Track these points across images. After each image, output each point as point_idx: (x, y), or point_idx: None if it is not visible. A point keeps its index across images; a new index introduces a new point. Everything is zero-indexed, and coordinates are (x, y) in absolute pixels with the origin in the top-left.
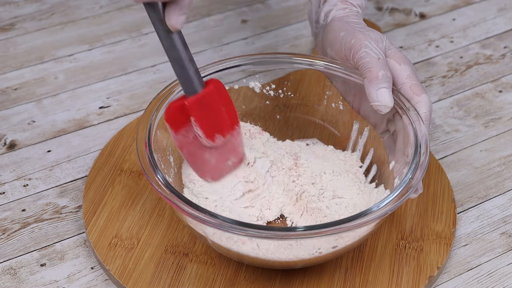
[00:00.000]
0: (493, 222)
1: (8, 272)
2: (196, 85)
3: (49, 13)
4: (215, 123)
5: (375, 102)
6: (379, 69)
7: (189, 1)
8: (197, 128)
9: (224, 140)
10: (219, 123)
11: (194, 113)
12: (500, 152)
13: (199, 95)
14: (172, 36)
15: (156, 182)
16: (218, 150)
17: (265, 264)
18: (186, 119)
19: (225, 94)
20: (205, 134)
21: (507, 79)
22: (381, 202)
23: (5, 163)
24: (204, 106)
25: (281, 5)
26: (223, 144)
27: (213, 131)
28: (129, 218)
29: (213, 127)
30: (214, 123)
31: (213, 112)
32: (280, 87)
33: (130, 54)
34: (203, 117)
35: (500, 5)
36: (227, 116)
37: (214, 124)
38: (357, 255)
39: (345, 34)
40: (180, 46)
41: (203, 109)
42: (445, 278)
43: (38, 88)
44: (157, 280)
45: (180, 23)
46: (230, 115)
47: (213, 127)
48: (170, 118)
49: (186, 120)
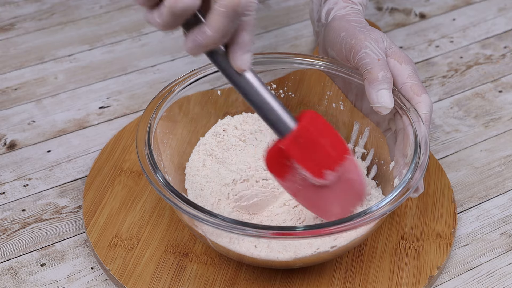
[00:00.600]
0: (493, 222)
1: (8, 272)
2: (288, 124)
3: (49, 13)
4: (320, 158)
5: (375, 103)
6: (379, 70)
7: (249, 38)
8: (302, 169)
9: (336, 174)
10: (324, 158)
11: (293, 155)
12: (500, 152)
13: (294, 134)
14: (246, 78)
15: (156, 182)
16: (334, 186)
17: (265, 264)
18: (288, 163)
19: (323, 124)
20: (312, 173)
21: (507, 79)
22: (381, 202)
23: (5, 163)
24: (302, 144)
25: (281, 5)
26: (336, 178)
27: (320, 167)
28: (129, 218)
29: (319, 163)
30: (318, 159)
31: (314, 147)
32: (280, 87)
33: (130, 54)
34: (304, 157)
35: (500, 5)
36: (331, 148)
37: (319, 160)
38: (357, 255)
39: (345, 35)
40: (259, 87)
41: (302, 147)
42: (445, 278)
43: (38, 88)
44: (157, 280)
45: (245, 63)
46: (335, 145)
47: (319, 164)
48: (271, 166)
49: (289, 164)
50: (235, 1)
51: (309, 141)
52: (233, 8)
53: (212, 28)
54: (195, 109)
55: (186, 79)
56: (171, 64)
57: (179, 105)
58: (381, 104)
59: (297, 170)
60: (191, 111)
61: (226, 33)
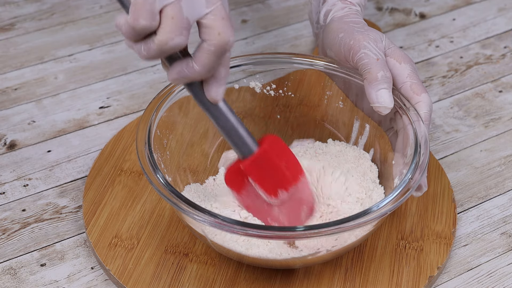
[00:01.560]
0: (493, 222)
1: (8, 272)
2: (250, 147)
3: (49, 13)
4: (275, 180)
5: (375, 103)
6: (378, 70)
7: (226, 73)
8: (258, 188)
9: (289, 194)
10: (279, 180)
11: (251, 175)
12: (500, 152)
13: (254, 157)
14: (218, 108)
15: (156, 183)
16: (285, 204)
17: (265, 264)
18: (245, 180)
19: (282, 148)
20: (267, 192)
21: (507, 79)
22: (381, 202)
23: (5, 163)
24: (260, 166)
25: (281, 5)
26: (288, 198)
27: (275, 188)
28: (129, 218)
29: (274, 184)
30: (274, 180)
31: (271, 170)
32: (280, 87)
33: (130, 54)
34: (261, 177)
35: (500, 5)
36: (287, 171)
37: (274, 181)
38: (357, 255)
39: (343, 35)
40: (228, 114)
41: (260, 169)
42: (445, 278)
43: (38, 88)
44: (157, 280)
45: (219, 95)
46: (291, 167)
47: (274, 184)
48: (229, 181)
49: (245, 181)
50: (224, 41)
51: (267, 164)
52: (222, 46)
53: (200, 64)
54: (195, 109)
55: None
56: None
57: (179, 105)
58: (381, 104)
59: (253, 188)
60: (191, 111)
61: (212, 69)
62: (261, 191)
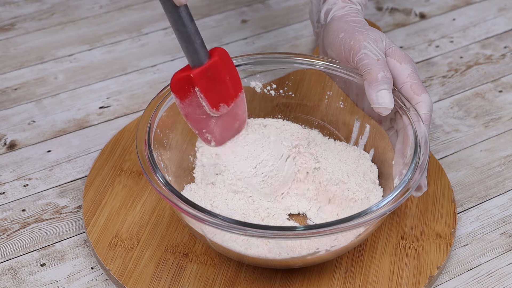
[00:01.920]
0: (493, 222)
1: (8, 272)
2: (202, 57)
3: (49, 13)
4: (220, 93)
5: (375, 104)
6: (378, 70)
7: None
8: (202, 98)
9: (228, 108)
10: (223, 93)
11: (199, 84)
12: (500, 152)
13: (204, 67)
14: (179, 11)
15: (156, 182)
16: (222, 117)
17: (265, 264)
18: (191, 89)
19: (229, 62)
20: (210, 104)
21: (507, 79)
22: (380, 202)
23: (5, 163)
24: (209, 77)
25: (281, 5)
26: (227, 112)
27: (218, 101)
28: (129, 218)
29: (218, 97)
30: (218, 93)
31: (218, 82)
32: (280, 87)
33: (130, 54)
34: (208, 88)
35: (500, 5)
36: (231, 85)
37: (218, 94)
38: (357, 255)
39: (344, 35)
40: (186, 20)
41: (208, 80)
42: (445, 278)
43: (38, 88)
44: (157, 280)
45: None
46: (234, 82)
47: (217, 97)
48: (175, 87)
49: (191, 90)
50: None
51: (215, 76)
52: None
53: None
54: None
55: None
56: (171, 64)
57: None
58: (381, 104)
59: (197, 97)
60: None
61: None
62: (205, 101)
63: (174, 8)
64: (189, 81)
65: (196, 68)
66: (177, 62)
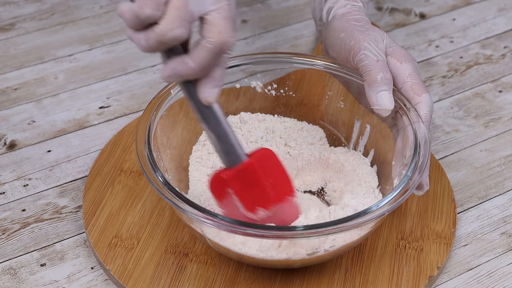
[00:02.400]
0: (493, 222)
1: (8, 272)
2: (237, 157)
3: (49, 13)
4: (257, 196)
5: (375, 106)
6: (378, 71)
7: (221, 74)
8: (237, 201)
9: (268, 212)
10: (261, 196)
11: (232, 186)
12: (500, 152)
13: (238, 169)
14: (211, 109)
15: (156, 182)
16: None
17: (265, 264)
18: (228, 190)
19: (273, 163)
20: (246, 207)
21: (507, 79)
22: (380, 202)
23: (5, 163)
24: (243, 179)
25: (281, 5)
26: (268, 216)
27: (254, 204)
28: (129, 218)
29: (254, 200)
30: (254, 196)
31: (254, 185)
32: (281, 87)
33: (130, 54)
34: (242, 190)
35: (500, 5)
36: (272, 188)
37: (255, 197)
38: (357, 255)
39: (344, 36)
40: (220, 118)
41: (242, 182)
42: (445, 278)
43: (38, 88)
44: (157, 280)
45: (213, 96)
46: (279, 185)
47: (254, 200)
48: (212, 188)
49: (227, 191)
50: (224, 40)
51: (250, 178)
52: (221, 46)
53: (195, 61)
54: None
55: None
56: None
57: (179, 105)
58: (381, 106)
59: (233, 198)
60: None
61: (207, 68)
62: (240, 204)
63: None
64: (224, 182)
65: (230, 169)
66: None
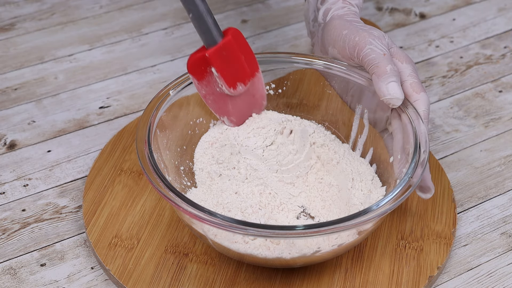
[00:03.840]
0: (493, 222)
1: (8, 272)
2: (215, 36)
3: (49, 13)
4: (236, 72)
5: (386, 96)
6: (386, 63)
7: None
8: (219, 78)
9: (246, 87)
10: (239, 72)
11: (214, 64)
12: (500, 152)
13: (219, 46)
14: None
15: (156, 182)
16: (240, 97)
17: (265, 264)
18: (207, 69)
19: (243, 42)
20: (227, 83)
21: (507, 79)
22: (381, 201)
23: (5, 163)
24: (224, 56)
25: (281, 5)
26: (245, 91)
27: (235, 80)
28: (129, 218)
29: (234, 76)
30: (234, 72)
31: (233, 61)
32: (280, 86)
33: (130, 54)
34: (223, 67)
35: (500, 5)
36: (246, 64)
37: (235, 73)
38: (357, 255)
39: (348, 32)
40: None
41: (223, 59)
42: (445, 278)
43: (38, 88)
44: (157, 280)
45: None
46: (250, 62)
47: (234, 76)
48: (192, 68)
49: (208, 70)
50: None
51: (230, 55)
52: None
53: None
54: (195, 109)
55: (186, 79)
56: (171, 64)
57: (179, 105)
58: (392, 95)
59: (214, 78)
60: (191, 111)
61: None
62: (221, 81)
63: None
64: (205, 61)
65: (211, 48)
66: (177, 62)
